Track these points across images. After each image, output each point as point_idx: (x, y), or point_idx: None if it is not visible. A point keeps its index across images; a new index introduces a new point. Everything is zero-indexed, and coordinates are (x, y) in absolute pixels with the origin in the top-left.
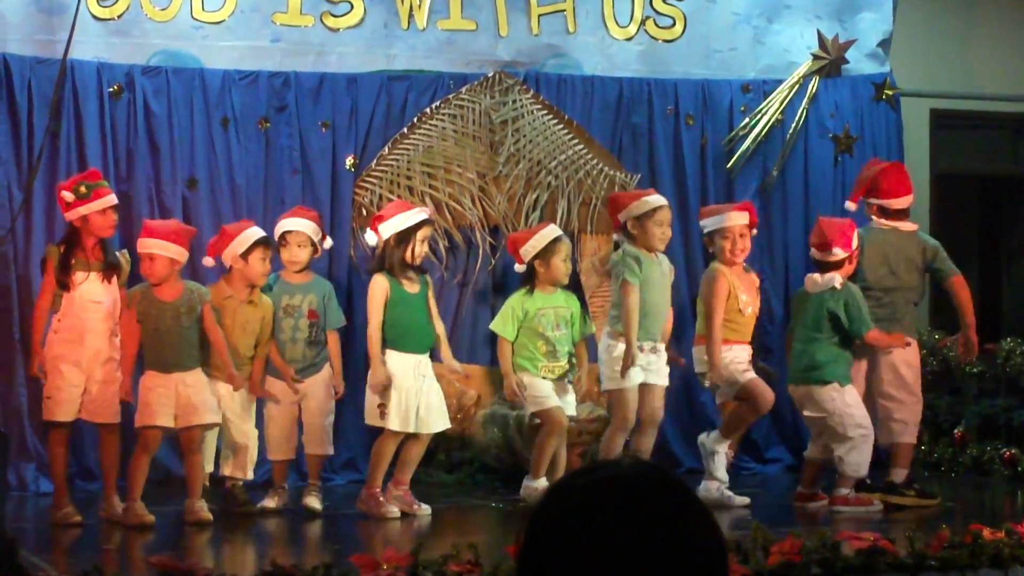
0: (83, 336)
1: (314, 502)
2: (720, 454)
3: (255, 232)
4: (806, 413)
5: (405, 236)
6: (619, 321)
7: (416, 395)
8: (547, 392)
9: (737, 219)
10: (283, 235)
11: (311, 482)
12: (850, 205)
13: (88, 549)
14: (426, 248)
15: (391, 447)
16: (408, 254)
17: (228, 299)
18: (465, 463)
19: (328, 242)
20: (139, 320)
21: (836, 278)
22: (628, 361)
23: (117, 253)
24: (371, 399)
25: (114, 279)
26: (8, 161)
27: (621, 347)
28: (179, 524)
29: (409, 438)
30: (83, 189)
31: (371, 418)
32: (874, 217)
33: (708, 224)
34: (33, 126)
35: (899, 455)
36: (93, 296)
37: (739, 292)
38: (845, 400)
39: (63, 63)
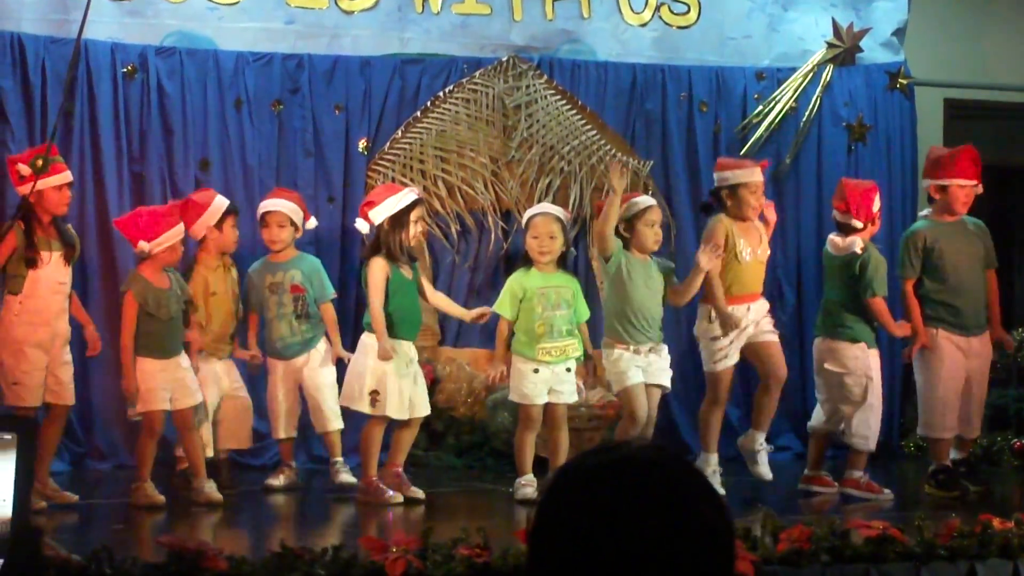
0: (49, 319)
1: (347, 477)
2: (762, 452)
3: (223, 201)
4: (825, 366)
5: (399, 219)
6: (611, 327)
7: (407, 382)
8: (531, 391)
9: (760, 176)
10: (263, 215)
11: (335, 459)
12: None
13: (97, 530)
14: (421, 228)
15: (379, 433)
16: (404, 236)
17: (216, 268)
18: (475, 447)
19: (311, 222)
20: (140, 305)
21: (857, 242)
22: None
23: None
24: (356, 384)
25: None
26: (21, 141)
27: (616, 352)
28: (188, 505)
29: (401, 424)
30: (40, 163)
31: (355, 402)
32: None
33: (732, 176)
34: (47, 106)
35: (931, 448)
36: (58, 277)
37: (738, 239)
38: (868, 363)
39: (77, 43)
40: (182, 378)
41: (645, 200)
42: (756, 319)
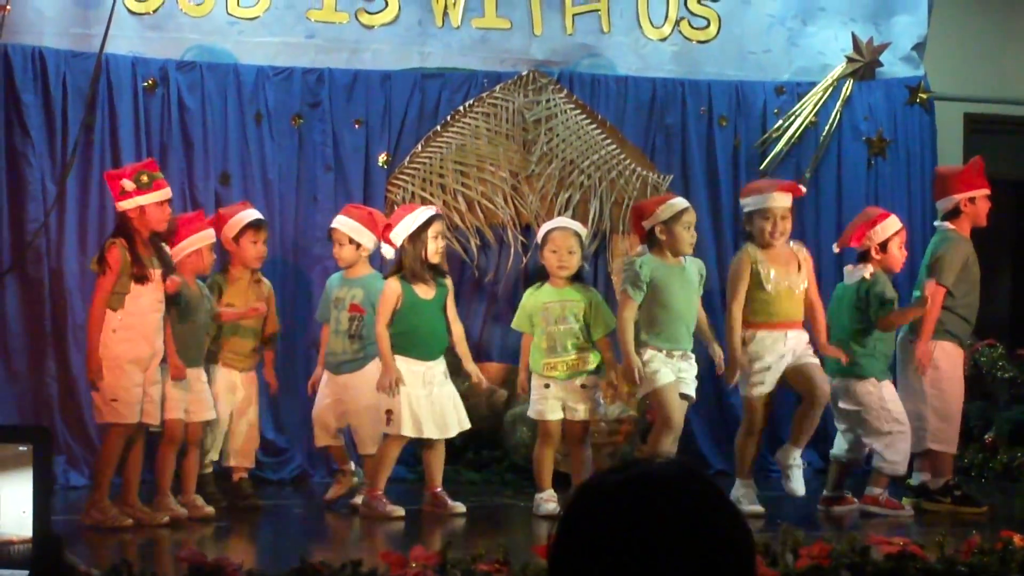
0: (150, 338)
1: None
2: (796, 468)
3: (246, 215)
4: (841, 405)
5: (417, 236)
6: (641, 330)
7: (427, 402)
8: (544, 406)
9: (780, 200)
10: (329, 230)
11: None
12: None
13: (115, 543)
14: (442, 243)
15: (395, 452)
16: (425, 253)
17: (238, 280)
18: (494, 462)
19: (386, 250)
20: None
21: (867, 269)
22: (631, 371)
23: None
24: (376, 403)
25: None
26: (42, 155)
27: (649, 353)
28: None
29: (424, 445)
30: (144, 178)
31: (379, 422)
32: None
33: (749, 203)
34: (68, 120)
35: (938, 463)
36: (158, 295)
37: (763, 267)
38: (882, 395)
39: (99, 57)
40: (200, 391)
41: (681, 202)
42: (795, 348)
